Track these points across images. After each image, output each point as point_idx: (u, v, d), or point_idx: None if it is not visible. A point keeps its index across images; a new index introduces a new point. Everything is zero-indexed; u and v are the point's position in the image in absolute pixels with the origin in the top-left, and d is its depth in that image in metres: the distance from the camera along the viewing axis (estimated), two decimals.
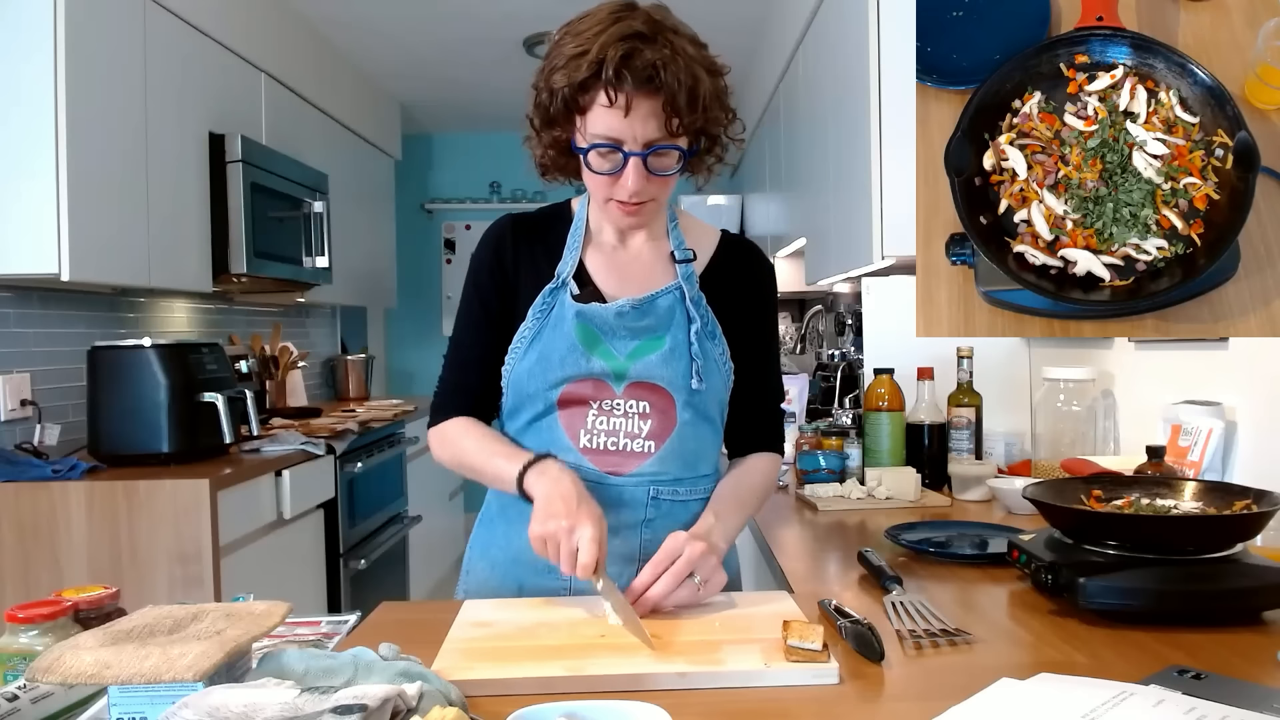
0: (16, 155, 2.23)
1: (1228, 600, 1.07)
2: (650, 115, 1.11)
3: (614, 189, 1.17)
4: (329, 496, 3.00)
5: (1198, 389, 1.72)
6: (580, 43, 1.11)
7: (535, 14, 3.86)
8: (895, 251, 2.17)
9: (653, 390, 1.23)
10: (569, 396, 1.23)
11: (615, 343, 1.23)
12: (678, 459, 1.25)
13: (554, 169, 1.26)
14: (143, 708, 0.75)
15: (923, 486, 1.94)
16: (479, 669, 0.91)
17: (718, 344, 1.27)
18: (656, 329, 1.24)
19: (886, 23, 2.17)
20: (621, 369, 1.23)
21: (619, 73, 1.08)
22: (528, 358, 1.24)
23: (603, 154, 1.15)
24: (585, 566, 1.05)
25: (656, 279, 1.27)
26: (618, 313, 1.22)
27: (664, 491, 1.25)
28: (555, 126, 1.19)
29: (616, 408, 1.23)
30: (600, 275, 1.27)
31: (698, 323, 1.25)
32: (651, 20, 1.13)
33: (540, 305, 1.24)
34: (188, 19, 2.82)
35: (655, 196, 1.20)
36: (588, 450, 1.23)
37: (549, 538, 1.07)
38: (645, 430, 1.23)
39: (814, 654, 0.90)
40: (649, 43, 1.10)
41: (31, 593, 2.17)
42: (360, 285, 4.51)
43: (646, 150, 1.14)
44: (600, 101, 1.11)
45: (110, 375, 2.41)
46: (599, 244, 1.30)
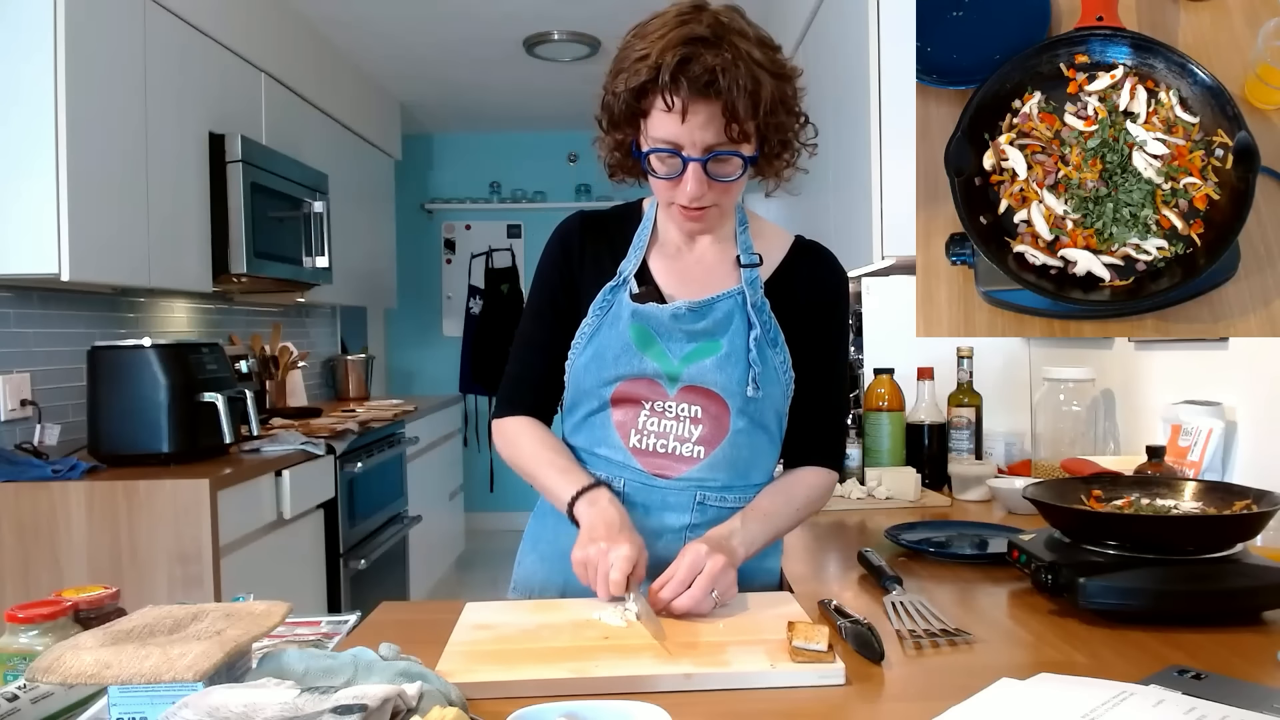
0: (16, 155, 2.23)
1: (1228, 600, 1.07)
2: (709, 121, 1.10)
3: (675, 193, 1.17)
4: (329, 496, 3.00)
5: (1198, 389, 1.72)
6: (644, 46, 1.10)
7: (535, 14, 3.86)
8: (895, 251, 2.16)
9: (706, 395, 1.22)
10: (622, 395, 1.23)
11: (670, 344, 1.22)
12: (728, 466, 1.23)
13: (620, 170, 1.25)
14: (143, 708, 0.75)
15: (923, 486, 1.94)
16: (482, 672, 0.91)
17: (779, 352, 1.24)
18: (713, 333, 1.22)
19: (886, 23, 2.17)
20: (675, 371, 1.21)
21: (675, 78, 1.07)
22: (585, 353, 1.24)
23: (662, 159, 1.14)
24: (615, 582, 1.05)
25: (718, 282, 1.26)
26: (674, 314, 1.21)
27: (711, 498, 1.23)
28: (620, 129, 1.18)
29: (668, 410, 1.22)
30: (662, 276, 1.26)
31: (758, 329, 1.22)
32: (718, 23, 1.11)
33: (601, 302, 1.24)
34: (188, 19, 2.82)
35: (717, 202, 1.18)
36: (637, 450, 1.23)
37: (589, 563, 1.09)
38: (696, 435, 1.22)
39: (819, 655, 0.90)
40: (710, 47, 1.08)
41: (31, 593, 2.17)
42: (360, 285, 4.51)
43: (706, 156, 1.12)
44: (659, 106, 1.11)
45: (110, 375, 2.41)
46: (664, 245, 1.29)
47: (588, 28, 4.03)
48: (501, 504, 5.83)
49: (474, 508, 5.69)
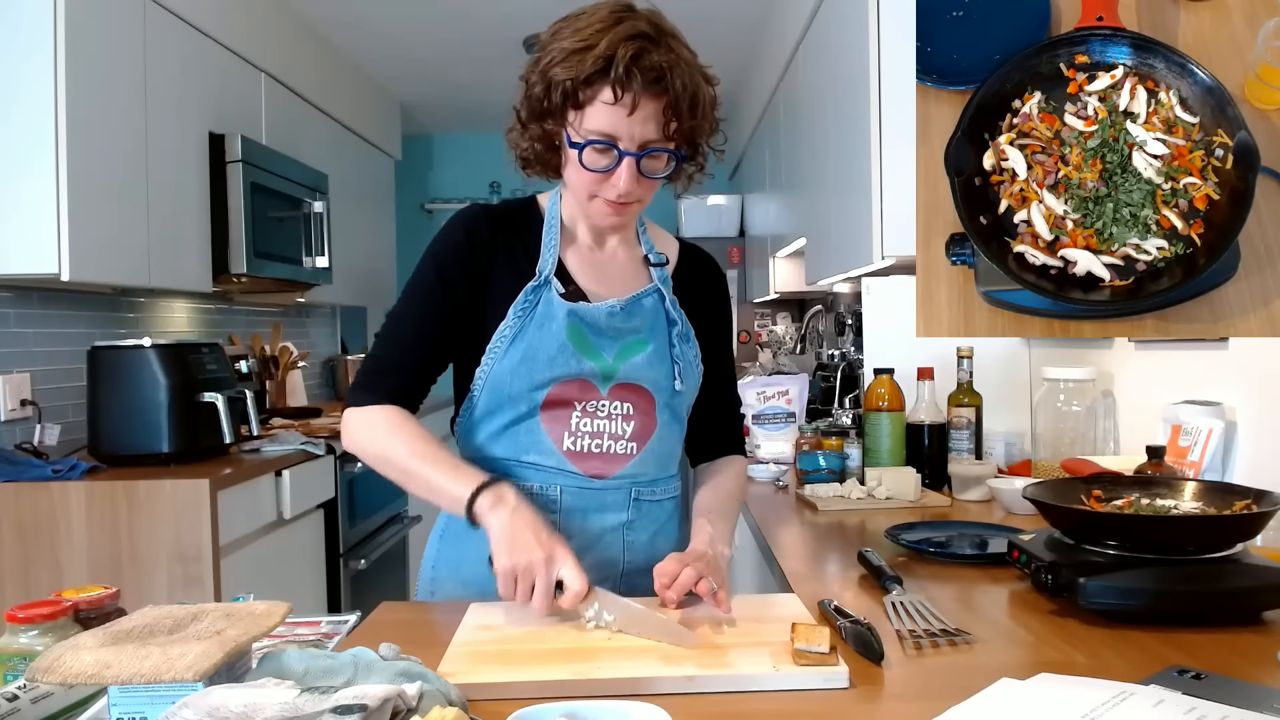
0: (16, 155, 2.23)
1: (1228, 600, 1.07)
2: (651, 117, 1.12)
3: (603, 187, 1.17)
4: (329, 496, 3.00)
5: (1198, 389, 1.72)
6: (583, 38, 1.10)
7: (535, 14, 3.86)
8: (895, 251, 2.17)
9: (636, 391, 1.24)
10: (554, 398, 1.20)
11: (603, 343, 1.22)
12: (655, 460, 1.26)
13: (536, 163, 1.25)
14: (143, 708, 0.75)
15: (923, 486, 1.94)
16: (486, 673, 0.91)
17: (692, 346, 1.29)
18: (640, 330, 1.24)
19: (886, 23, 2.17)
20: (611, 370, 1.22)
21: (629, 71, 1.08)
22: (509, 357, 1.20)
23: (598, 150, 1.14)
24: (578, 594, 1.02)
25: (634, 281, 1.28)
26: (609, 312, 1.22)
27: (644, 492, 1.26)
28: (546, 120, 1.18)
29: (601, 409, 1.22)
30: (580, 274, 1.26)
31: (678, 325, 1.27)
32: (653, 22, 1.13)
33: (522, 303, 1.20)
34: (188, 19, 2.82)
35: (641, 198, 1.20)
36: (571, 453, 1.21)
37: (522, 571, 1.02)
38: (628, 431, 1.23)
39: (822, 657, 0.90)
40: (655, 44, 1.10)
41: (31, 593, 2.17)
42: (360, 285, 4.51)
43: (642, 151, 1.14)
44: (603, 98, 1.11)
45: (110, 375, 2.41)
46: (576, 244, 1.29)
47: None
48: None
49: None
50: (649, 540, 1.27)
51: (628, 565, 1.26)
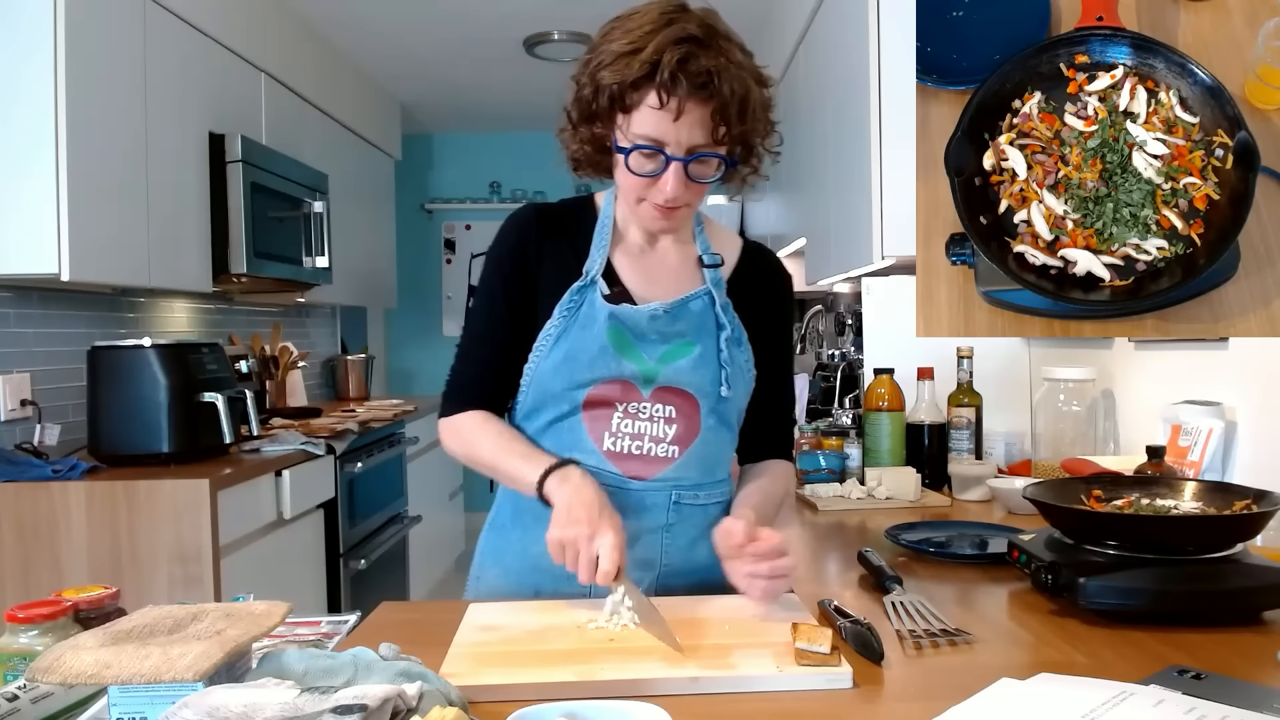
0: (16, 155, 2.23)
1: (1228, 600, 1.07)
2: (698, 122, 1.10)
3: (650, 191, 1.16)
4: (329, 496, 3.00)
5: (1198, 389, 1.72)
6: (632, 40, 1.09)
7: (535, 14, 3.86)
8: (895, 251, 2.17)
9: (680, 395, 1.22)
10: (595, 398, 1.21)
11: (646, 346, 1.21)
12: (699, 464, 1.24)
13: (587, 165, 1.24)
14: (143, 708, 0.75)
15: (923, 486, 1.94)
16: (487, 674, 0.91)
17: (744, 351, 1.26)
18: (686, 334, 1.22)
19: (886, 23, 2.17)
20: (652, 373, 1.21)
21: (674, 76, 1.06)
22: (553, 356, 1.21)
23: (645, 155, 1.13)
24: (606, 574, 1.03)
25: (685, 283, 1.26)
26: (651, 316, 1.20)
27: (685, 496, 1.24)
28: (595, 122, 1.16)
29: (642, 411, 1.21)
30: (628, 276, 1.25)
31: (728, 329, 1.24)
32: (705, 25, 1.10)
33: (568, 303, 1.21)
34: (188, 19, 2.82)
35: (690, 202, 1.18)
36: (611, 454, 1.21)
37: (568, 543, 1.06)
38: (670, 435, 1.22)
39: (824, 657, 0.90)
40: (704, 48, 1.08)
41: (31, 593, 2.17)
42: (360, 285, 4.51)
43: (689, 156, 1.12)
44: (649, 102, 1.09)
45: (110, 375, 2.41)
46: (626, 244, 1.27)
47: (588, 28, 4.03)
48: None
49: (474, 508, 5.68)
50: (689, 544, 1.24)
51: (665, 567, 1.24)
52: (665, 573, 1.24)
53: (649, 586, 1.22)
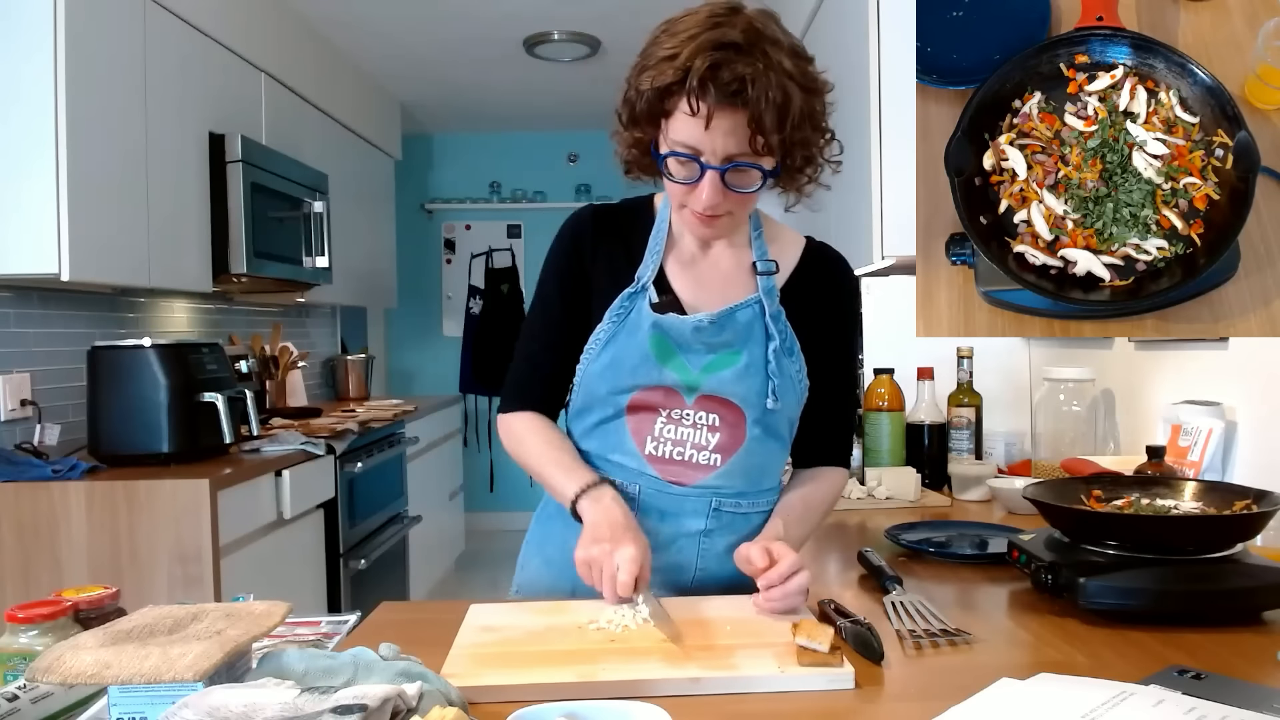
0: (16, 155, 2.23)
1: (1228, 600, 1.07)
2: (733, 130, 1.07)
3: (690, 198, 1.14)
4: (329, 496, 3.00)
5: (1198, 389, 1.72)
6: (673, 45, 1.07)
7: (535, 14, 3.86)
8: (895, 251, 2.16)
9: (724, 404, 1.21)
10: (638, 403, 1.21)
11: (689, 355, 1.20)
12: (743, 473, 1.23)
13: (637, 168, 1.22)
14: (143, 708, 0.75)
15: (923, 486, 1.94)
16: (488, 675, 0.91)
17: (795, 361, 1.23)
18: (733, 344, 1.21)
19: (886, 23, 2.17)
20: (694, 382, 1.20)
21: (703, 83, 1.04)
22: (600, 360, 1.22)
23: (681, 162, 1.11)
24: (624, 584, 1.04)
25: (736, 290, 1.24)
26: (695, 327, 1.19)
27: (726, 504, 1.23)
28: (639, 127, 1.15)
29: (685, 418, 1.21)
30: (679, 283, 1.24)
31: (776, 340, 1.21)
32: (752, 28, 1.07)
33: (618, 309, 1.21)
34: (188, 19, 2.82)
35: (732, 211, 1.16)
36: (653, 458, 1.21)
37: (593, 562, 1.08)
38: (713, 443, 1.21)
39: (825, 657, 0.90)
40: (742, 54, 1.05)
41: (31, 593, 2.17)
42: (360, 285, 4.51)
43: (725, 165, 1.09)
44: (682, 109, 1.07)
45: (110, 375, 2.41)
46: (680, 250, 1.26)
47: (588, 28, 4.03)
48: (502, 504, 5.83)
49: (474, 508, 5.69)
50: (725, 551, 1.21)
51: (699, 573, 1.24)
52: (700, 577, 1.24)
53: (680, 592, 1.22)
